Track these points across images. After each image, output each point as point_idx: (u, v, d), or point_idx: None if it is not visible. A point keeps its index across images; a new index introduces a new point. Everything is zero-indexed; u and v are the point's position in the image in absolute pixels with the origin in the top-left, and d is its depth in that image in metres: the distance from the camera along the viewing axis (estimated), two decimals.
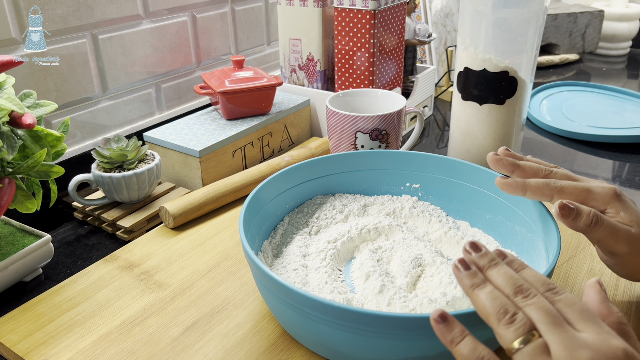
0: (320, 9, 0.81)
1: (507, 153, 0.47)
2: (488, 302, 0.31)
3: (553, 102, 1.03)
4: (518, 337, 0.29)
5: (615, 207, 0.42)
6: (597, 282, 0.33)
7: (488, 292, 0.32)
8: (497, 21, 0.66)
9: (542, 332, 0.29)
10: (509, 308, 0.30)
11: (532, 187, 0.43)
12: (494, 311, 0.31)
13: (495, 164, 0.45)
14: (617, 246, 0.41)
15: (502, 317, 0.30)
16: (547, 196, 0.43)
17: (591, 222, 0.40)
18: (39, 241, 0.54)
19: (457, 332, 0.31)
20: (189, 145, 0.68)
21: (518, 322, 0.30)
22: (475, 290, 0.32)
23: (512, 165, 0.45)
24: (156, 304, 0.50)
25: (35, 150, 0.49)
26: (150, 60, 0.81)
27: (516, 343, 0.29)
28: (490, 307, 0.31)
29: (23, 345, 0.45)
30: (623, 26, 1.37)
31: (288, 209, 0.58)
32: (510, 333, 0.29)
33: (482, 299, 0.32)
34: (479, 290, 0.32)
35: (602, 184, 0.44)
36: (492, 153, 0.45)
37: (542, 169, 0.45)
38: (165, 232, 0.61)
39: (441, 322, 0.31)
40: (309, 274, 0.49)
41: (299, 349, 0.44)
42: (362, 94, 0.73)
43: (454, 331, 0.31)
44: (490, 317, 0.31)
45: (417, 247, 0.52)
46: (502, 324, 0.30)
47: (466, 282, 0.33)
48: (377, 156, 0.60)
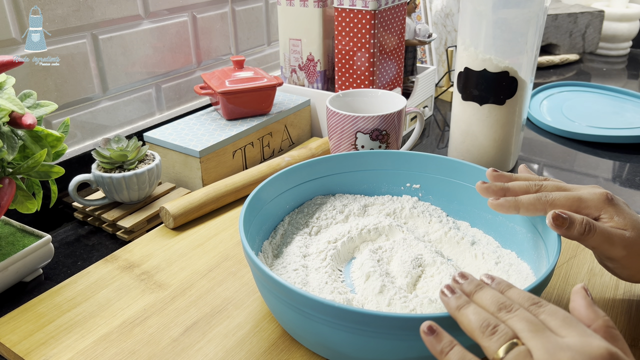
0: (320, 9, 0.81)
1: (495, 174, 0.47)
2: (472, 318, 0.32)
3: (553, 102, 1.03)
4: (500, 346, 0.30)
5: (608, 212, 0.42)
6: (582, 288, 0.34)
7: (472, 310, 0.33)
8: (497, 21, 0.66)
9: (524, 339, 0.30)
10: (491, 321, 0.32)
11: (525, 204, 0.43)
12: (477, 325, 0.32)
13: (485, 191, 0.46)
14: (612, 251, 0.41)
15: (484, 329, 0.31)
16: (540, 210, 0.43)
17: (584, 230, 0.40)
18: (39, 241, 0.54)
19: (446, 342, 0.32)
20: (189, 145, 0.68)
21: (500, 332, 0.31)
22: (460, 311, 0.34)
23: (501, 190, 0.45)
24: (156, 304, 0.50)
25: (35, 150, 0.49)
26: (150, 60, 0.81)
27: (500, 351, 0.30)
28: (474, 322, 0.32)
29: (23, 345, 0.45)
30: (623, 26, 1.37)
31: (288, 209, 0.58)
32: (493, 343, 0.31)
33: (466, 316, 0.33)
34: (464, 310, 0.33)
35: (593, 189, 0.44)
36: (480, 182, 0.46)
37: (531, 186, 0.45)
38: (165, 232, 0.61)
39: (430, 333, 0.32)
40: (309, 274, 0.49)
41: (299, 349, 0.44)
42: (362, 94, 0.73)
43: (443, 341, 0.32)
44: (475, 331, 0.32)
45: (417, 247, 0.52)
46: (485, 336, 0.31)
47: (452, 304, 0.34)
48: (377, 156, 0.60)
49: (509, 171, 0.77)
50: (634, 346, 0.44)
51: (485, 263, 0.51)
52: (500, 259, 0.51)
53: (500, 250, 0.53)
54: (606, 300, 0.49)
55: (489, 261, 0.51)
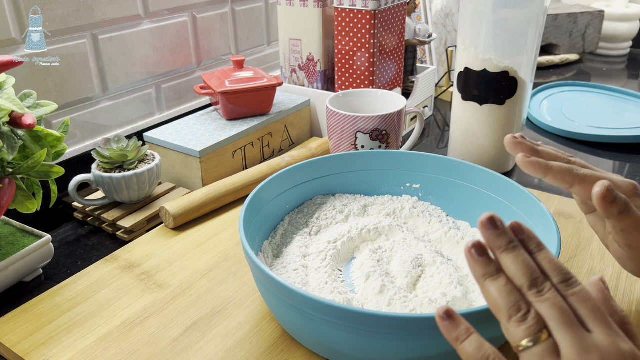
0: (320, 9, 0.81)
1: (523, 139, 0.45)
2: (501, 296, 0.30)
3: (553, 102, 1.03)
4: (528, 336, 0.29)
5: (635, 202, 0.42)
6: (600, 280, 0.32)
7: (501, 286, 0.30)
8: (497, 21, 0.66)
9: (553, 330, 0.29)
10: (522, 305, 0.29)
11: (555, 170, 0.41)
12: (506, 307, 0.30)
13: (514, 146, 0.43)
14: (638, 238, 0.41)
15: (513, 313, 0.29)
16: (568, 182, 0.41)
17: (624, 208, 0.39)
18: (39, 241, 0.54)
19: (462, 329, 0.30)
20: (189, 145, 0.68)
21: (530, 321, 0.29)
22: (487, 280, 0.31)
23: (531, 148, 0.43)
24: (156, 304, 0.50)
25: (35, 150, 0.49)
26: (150, 60, 0.81)
27: (525, 341, 0.29)
28: (502, 302, 0.30)
29: (23, 345, 0.45)
30: (623, 26, 1.37)
31: (288, 209, 0.58)
32: (521, 331, 0.29)
33: (493, 292, 0.30)
34: (491, 281, 0.31)
35: (622, 177, 0.43)
36: (510, 135, 0.43)
37: (560, 156, 0.44)
38: (165, 232, 0.61)
39: (446, 318, 0.31)
40: (309, 274, 0.49)
41: (299, 349, 0.44)
42: (362, 94, 0.73)
43: (459, 328, 0.30)
44: (501, 311, 0.30)
45: (417, 247, 0.52)
46: (513, 321, 0.29)
47: (478, 270, 0.31)
48: (377, 156, 0.60)
49: (509, 171, 0.77)
50: None
51: None
52: None
53: None
54: None
55: None
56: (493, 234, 0.31)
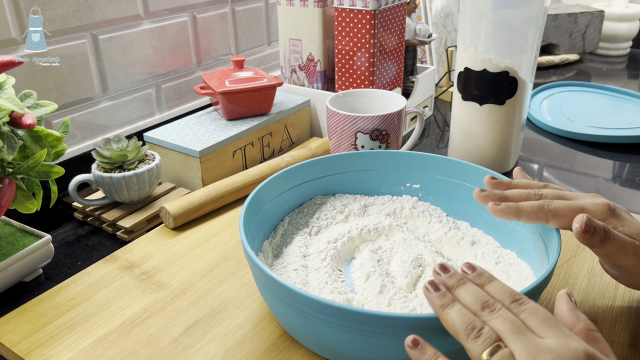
0: (320, 9, 0.81)
1: (494, 182, 0.47)
2: (457, 319, 0.33)
3: (553, 102, 1.03)
4: (485, 349, 0.31)
5: (611, 223, 0.42)
6: (565, 293, 0.35)
7: (456, 310, 0.34)
8: (497, 21, 0.66)
9: (507, 341, 0.31)
10: (476, 323, 0.32)
11: (526, 211, 0.43)
12: (462, 327, 0.32)
13: (483, 199, 0.45)
14: (624, 259, 0.41)
15: (469, 332, 0.32)
16: (542, 219, 0.43)
17: (604, 236, 0.40)
18: (39, 241, 0.54)
19: (430, 354, 0.33)
20: (189, 145, 0.68)
21: (484, 335, 0.32)
22: (444, 310, 0.34)
23: (500, 197, 0.45)
24: (156, 304, 0.50)
25: (35, 150, 0.49)
26: (150, 60, 0.81)
27: (484, 355, 0.31)
28: (459, 324, 0.33)
29: (23, 345, 0.45)
30: (623, 26, 1.37)
31: (288, 209, 0.58)
32: (478, 346, 0.31)
33: (451, 317, 0.33)
34: (448, 309, 0.34)
35: (594, 199, 0.44)
36: (478, 189, 0.45)
37: (531, 194, 0.45)
38: (165, 232, 0.61)
39: (414, 347, 0.33)
40: (309, 274, 0.49)
41: (299, 349, 0.44)
42: (362, 94, 0.73)
43: (427, 354, 0.33)
44: (459, 333, 0.33)
45: (417, 247, 0.52)
46: (470, 339, 0.32)
47: (436, 303, 0.35)
48: (377, 156, 0.60)
49: (509, 171, 0.77)
50: (634, 346, 0.44)
51: (485, 263, 0.51)
52: (500, 259, 0.51)
53: (500, 250, 0.53)
54: (606, 300, 0.49)
55: (489, 261, 0.51)
56: (446, 277, 0.36)
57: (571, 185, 0.74)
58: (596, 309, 0.48)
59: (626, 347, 0.44)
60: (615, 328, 0.46)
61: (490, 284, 0.35)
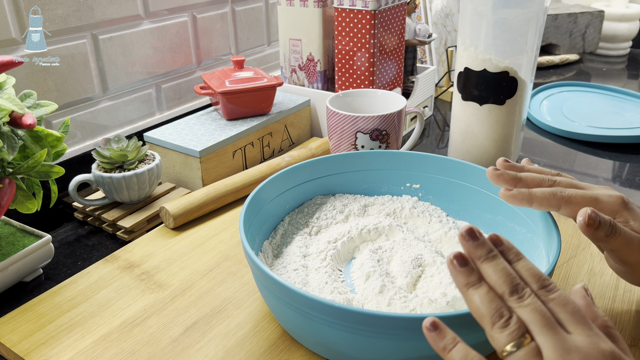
0: (320, 9, 0.81)
1: (507, 165, 0.46)
2: (483, 304, 0.31)
3: (553, 102, 1.03)
4: (511, 341, 0.29)
5: (623, 216, 0.41)
6: (582, 288, 0.33)
7: (483, 294, 0.31)
8: (497, 21, 0.66)
9: (535, 334, 0.29)
10: (504, 311, 0.30)
11: (539, 197, 0.41)
12: (489, 314, 0.31)
13: (496, 178, 0.44)
14: (630, 255, 0.40)
15: (496, 320, 0.30)
16: (554, 206, 0.41)
17: (610, 231, 0.39)
18: (39, 241, 0.54)
19: (449, 339, 0.31)
20: (189, 145, 0.68)
21: (512, 326, 0.30)
22: (469, 289, 0.32)
23: (513, 179, 0.43)
24: (156, 304, 0.50)
25: (35, 150, 0.49)
26: (150, 60, 0.81)
27: (509, 346, 0.29)
28: (485, 309, 0.31)
29: (23, 345, 0.45)
30: (623, 26, 1.37)
31: (288, 209, 0.58)
32: (504, 337, 0.30)
33: (476, 299, 0.31)
34: (473, 290, 0.32)
35: (608, 191, 0.43)
36: (492, 168, 0.44)
37: (545, 179, 0.44)
38: (165, 232, 0.61)
39: (433, 329, 0.31)
40: (309, 274, 0.49)
41: (299, 349, 0.44)
42: (362, 94, 0.73)
43: (446, 338, 0.31)
44: (484, 319, 0.31)
45: (417, 247, 0.52)
46: (496, 327, 0.30)
47: (461, 280, 0.32)
48: (377, 156, 0.60)
49: None
50: (634, 346, 0.44)
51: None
52: None
53: None
54: (606, 300, 0.49)
55: None
56: (473, 245, 0.33)
57: None
58: None
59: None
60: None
61: (518, 262, 0.33)
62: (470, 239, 0.33)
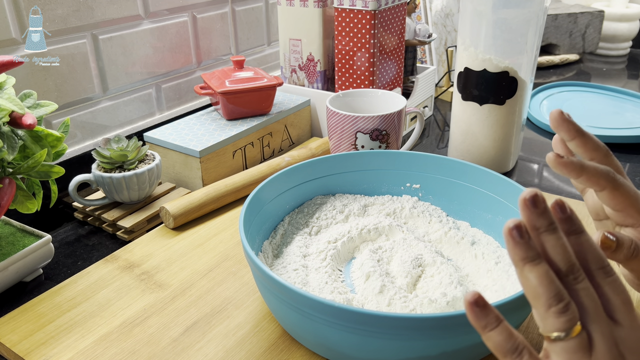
0: (320, 9, 0.81)
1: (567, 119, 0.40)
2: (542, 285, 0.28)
3: (553, 102, 1.03)
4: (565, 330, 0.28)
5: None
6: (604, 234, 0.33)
7: (542, 273, 0.29)
8: (497, 21, 0.66)
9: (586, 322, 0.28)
10: (564, 295, 0.28)
11: (590, 171, 0.37)
12: (546, 295, 0.28)
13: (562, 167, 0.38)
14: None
15: (554, 303, 0.28)
16: (600, 186, 0.37)
17: (631, 254, 0.37)
18: (39, 241, 0.54)
19: (492, 317, 0.29)
20: (189, 145, 0.68)
21: (569, 314, 0.28)
22: (526, 265, 0.29)
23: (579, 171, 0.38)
24: (156, 304, 0.50)
25: (35, 150, 0.49)
26: (150, 60, 0.81)
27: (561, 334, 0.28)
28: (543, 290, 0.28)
29: (23, 345, 0.45)
30: (623, 26, 1.37)
31: (288, 209, 0.58)
32: (559, 322, 0.28)
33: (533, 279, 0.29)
34: (531, 267, 0.29)
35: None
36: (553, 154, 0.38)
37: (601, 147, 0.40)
38: (165, 232, 0.61)
39: (476, 305, 0.28)
40: (309, 274, 0.49)
41: (299, 349, 0.44)
42: (362, 94, 0.73)
43: (489, 316, 0.28)
44: (540, 299, 0.28)
45: (417, 247, 0.52)
46: (552, 311, 0.28)
47: (518, 253, 0.29)
48: (377, 156, 0.60)
49: (509, 171, 0.77)
50: None
51: (485, 263, 0.51)
52: (500, 258, 0.51)
53: (500, 250, 0.53)
54: None
55: (489, 261, 0.51)
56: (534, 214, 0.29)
57: (571, 185, 0.74)
58: None
59: None
60: None
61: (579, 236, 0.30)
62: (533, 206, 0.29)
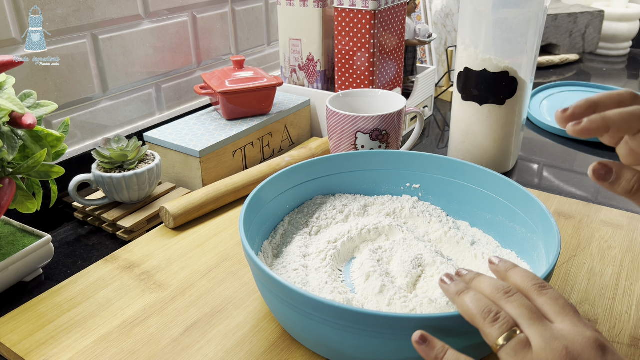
0: (320, 9, 0.81)
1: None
2: (472, 304, 0.34)
3: (553, 102, 1.03)
4: (502, 334, 0.32)
5: None
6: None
7: (472, 296, 0.34)
8: (497, 21, 0.66)
9: (522, 326, 0.32)
10: (492, 307, 0.33)
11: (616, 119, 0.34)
12: (479, 311, 0.33)
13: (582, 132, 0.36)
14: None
15: (486, 316, 0.33)
16: (632, 129, 0.35)
17: (631, 188, 0.35)
18: (39, 241, 0.54)
19: (439, 348, 0.33)
20: (189, 145, 0.68)
21: (501, 320, 0.32)
22: (460, 296, 0.35)
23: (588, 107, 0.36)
24: (156, 304, 0.50)
25: (35, 150, 0.49)
26: (150, 60, 0.81)
27: (500, 339, 0.32)
28: (475, 309, 0.33)
29: (23, 345, 0.45)
30: (623, 26, 1.37)
31: (288, 209, 0.58)
32: (495, 330, 0.32)
33: (466, 302, 0.34)
34: (463, 295, 0.35)
35: None
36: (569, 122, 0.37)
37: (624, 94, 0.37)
38: (165, 232, 0.61)
39: (422, 342, 0.33)
40: (309, 274, 0.49)
41: (299, 349, 0.44)
42: (362, 94, 0.73)
43: (436, 348, 0.33)
44: (475, 317, 0.33)
45: (417, 247, 0.52)
46: (487, 322, 0.32)
47: (452, 290, 0.36)
48: (377, 156, 0.60)
49: (509, 171, 0.77)
50: (633, 346, 0.44)
51: (485, 263, 0.51)
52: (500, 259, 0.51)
53: (500, 250, 0.53)
54: (606, 300, 0.49)
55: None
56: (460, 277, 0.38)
57: (571, 185, 0.74)
58: (596, 309, 0.48)
59: (626, 347, 0.44)
60: (615, 328, 0.46)
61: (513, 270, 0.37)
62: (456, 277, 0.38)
